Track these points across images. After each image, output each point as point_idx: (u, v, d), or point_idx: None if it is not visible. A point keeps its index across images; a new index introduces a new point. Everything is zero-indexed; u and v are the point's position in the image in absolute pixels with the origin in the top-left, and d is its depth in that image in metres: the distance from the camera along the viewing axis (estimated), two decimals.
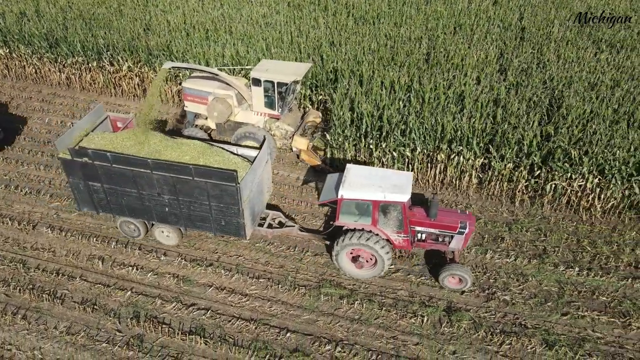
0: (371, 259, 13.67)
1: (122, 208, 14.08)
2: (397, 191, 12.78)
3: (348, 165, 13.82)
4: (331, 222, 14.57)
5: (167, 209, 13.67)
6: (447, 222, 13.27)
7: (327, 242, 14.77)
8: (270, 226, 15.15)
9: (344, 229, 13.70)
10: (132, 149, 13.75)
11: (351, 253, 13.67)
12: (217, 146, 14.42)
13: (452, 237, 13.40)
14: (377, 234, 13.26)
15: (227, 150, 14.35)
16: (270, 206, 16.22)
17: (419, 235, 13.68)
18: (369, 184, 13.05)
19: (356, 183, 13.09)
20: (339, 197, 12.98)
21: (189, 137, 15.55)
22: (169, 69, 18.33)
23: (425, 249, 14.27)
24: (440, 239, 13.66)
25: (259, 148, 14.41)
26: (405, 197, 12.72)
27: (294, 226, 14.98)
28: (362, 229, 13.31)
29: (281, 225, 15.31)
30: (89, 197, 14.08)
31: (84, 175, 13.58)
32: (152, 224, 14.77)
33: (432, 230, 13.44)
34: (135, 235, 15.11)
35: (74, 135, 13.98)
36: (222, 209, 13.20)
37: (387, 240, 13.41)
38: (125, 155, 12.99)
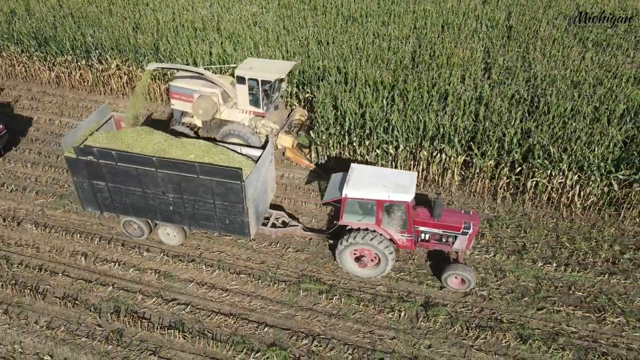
0: (374, 259, 13.64)
1: (126, 207, 14.10)
2: (401, 191, 12.73)
3: (352, 165, 13.76)
4: (335, 222, 14.63)
5: (171, 207, 13.68)
6: (450, 222, 13.25)
7: (331, 242, 14.77)
8: (273, 225, 15.16)
9: (347, 228, 13.70)
10: (136, 148, 13.79)
11: (355, 252, 13.65)
12: (222, 145, 14.44)
13: (455, 237, 13.40)
14: (380, 234, 13.24)
15: (232, 150, 14.38)
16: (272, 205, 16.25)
17: (423, 235, 13.69)
18: (373, 183, 13.00)
19: (360, 182, 13.06)
20: (343, 196, 12.95)
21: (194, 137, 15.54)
22: (154, 70, 18.47)
23: (428, 249, 14.24)
24: (444, 239, 13.66)
25: (263, 148, 14.38)
26: (409, 197, 12.70)
27: (297, 226, 15.02)
28: (366, 229, 13.31)
29: (284, 224, 15.34)
30: (93, 196, 14.11)
31: (88, 174, 13.61)
32: (156, 224, 14.81)
33: (435, 230, 13.45)
34: (138, 234, 15.13)
35: (78, 135, 14.02)
36: (226, 208, 13.22)
37: (391, 240, 13.40)
38: (130, 153, 13.05)
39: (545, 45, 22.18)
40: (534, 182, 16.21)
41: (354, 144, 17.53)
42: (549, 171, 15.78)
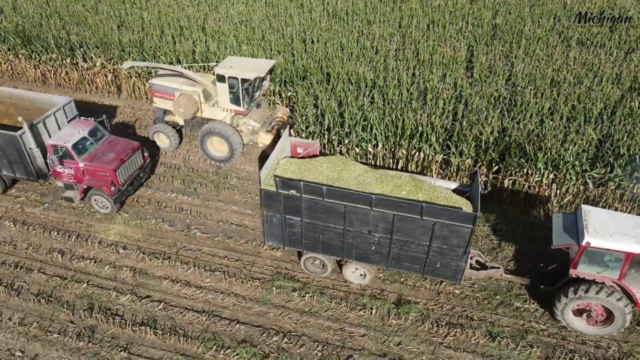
0: (602, 315, 12.31)
1: (316, 244, 13.14)
2: None
3: (584, 207, 12.09)
4: (549, 267, 13.55)
5: (373, 247, 12.73)
6: None
7: (542, 287, 12.99)
8: (470, 266, 13.64)
9: (571, 277, 12.17)
10: (339, 182, 12.86)
11: (577, 305, 12.36)
12: (422, 180, 13.28)
13: None
14: (619, 289, 11.82)
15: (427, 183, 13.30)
16: None
17: None
18: (619, 232, 11.36)
19: (603, 230, 11.41)
20: (584, 244, 11.32)
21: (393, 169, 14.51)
22: (129, 68, 18.47)
23: None
24: None
25: (470, 184, 13.39)
26: None
27: (498, 268, 13.53)
28: (603, 282, 11.82)
29: (480, 264, 13.86)
30: (280, 230, 13.23)
31: (284, 208, 12.70)
32: (346, 261, 13.58)
33: None
34: (320, 272, 14.09)
35: (270, 166, 13.38)
36: (443, 251, 12.17)
37: (629, 296, 11.92)
38: (342, 189, 12.03)
39: (530, 44, 22.20)
40: (512, 181, 16.27)
41: (333, 142, 17.59)
42: (525, 170, 15.84)
